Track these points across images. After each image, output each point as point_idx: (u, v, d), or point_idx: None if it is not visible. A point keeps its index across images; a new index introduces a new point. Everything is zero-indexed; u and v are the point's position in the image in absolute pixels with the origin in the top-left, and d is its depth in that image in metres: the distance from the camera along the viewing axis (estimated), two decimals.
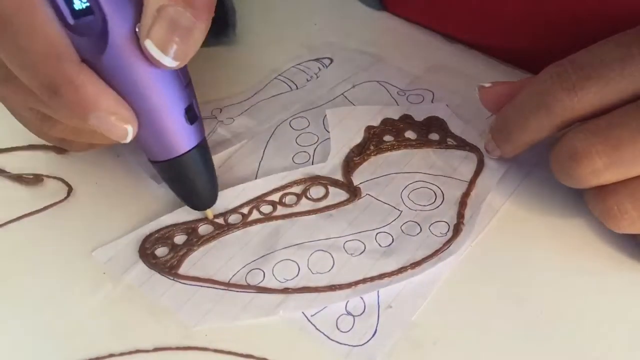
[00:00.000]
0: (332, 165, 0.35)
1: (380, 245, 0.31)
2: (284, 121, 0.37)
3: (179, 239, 0.32)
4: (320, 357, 0.27)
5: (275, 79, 0.40)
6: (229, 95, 0.40)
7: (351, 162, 0.35)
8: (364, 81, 0.40)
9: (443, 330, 0.28)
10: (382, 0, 0.45)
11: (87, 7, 0.25)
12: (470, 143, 0.35)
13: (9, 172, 0.35)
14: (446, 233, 0.31)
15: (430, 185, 0.34)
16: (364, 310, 0.29)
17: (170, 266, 0.30)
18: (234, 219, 0.32)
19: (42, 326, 0.29)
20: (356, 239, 0.31)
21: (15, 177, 0.35)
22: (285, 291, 0.29)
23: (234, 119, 0.38)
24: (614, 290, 0.29)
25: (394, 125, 0.36)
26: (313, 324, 0.28)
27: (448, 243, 0.31)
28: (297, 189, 0.34)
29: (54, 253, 0.32)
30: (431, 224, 0.32)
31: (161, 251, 0.31)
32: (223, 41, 0.42)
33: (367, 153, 0.35)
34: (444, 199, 0.33)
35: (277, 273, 0.30)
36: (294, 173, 0.34)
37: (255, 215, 0.33)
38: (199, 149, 0.30)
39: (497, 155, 0.34)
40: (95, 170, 0.35)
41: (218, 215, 0.32)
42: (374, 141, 0.36)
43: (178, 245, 0.31)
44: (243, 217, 0.32)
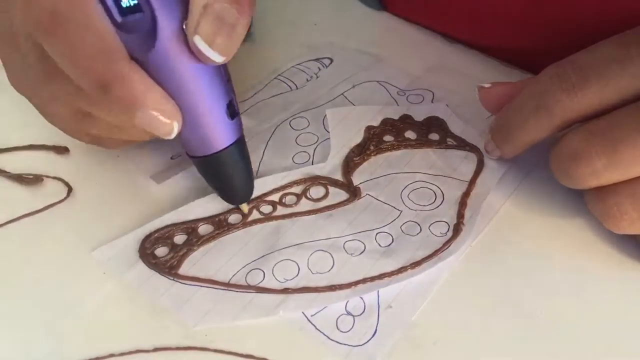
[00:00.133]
0: (332, 165, 0.35)
1: (380, 245, 0.31)
2: (284, 121, 0.37)
3: (179, 238, 0.32)
4: (320, 357, 0.27)
5: (275, 79, 0.40)
6: None
7: (351, 162, 0.35)
8: (364, 81, 0.40)
9: (443, 330, 0.28)
10: (382, 0, 0.45)
11: (135, 5, 0.25)
12: (470, 143, 0.35)
13: (9, 172, 0.35)
14: (446, 233, 0.31)
15: (430, 185, 0.34)
16: (364, 310, 0.29)
17: (170, 266, 0.30)
18: (234, 219, 0.32)
19: (42, 326, 0.29)
20: (356, 239, 0.31)
21: (15, 177, 0.35)
22: (285, 291, 0.29)
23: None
24: (614, 290, 0.29)
25: (394, 125, 0.36)
26: (313, 324, 0.28)
27: (448, 243, 0.31)
28: (297, 189, 0.34)
29: (54, 253, 0.32)
30: (431, 224, 0.32)
31: (161, 251, 0.31)
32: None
33: (367, 153, 0.35)
34: (444, 199, 0.33)
35: (277, 273, 0.30)
36: (294, 173, 0.34)
37: (255, 215, 0.33)
38: (238, 144, 0.30)
39: (497, 155, 0.34)
40: (95, 170, 0.35)
41: (218, 214, 0.32)
42: (374, 141, 0.36)
43: (178, 245, 0.31)
44: (243, 217, 0.32)
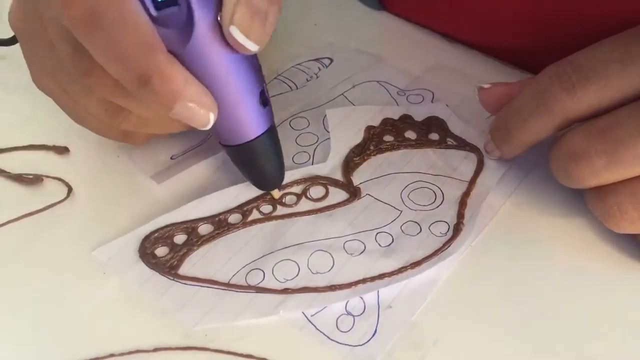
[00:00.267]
0: (332, 165, 0.35)
1: (380, 245, 0.31)
2: (284, 121, 0.37)
3: (179, 238, 0.32)
4: (320, 357, 0.27)
5: (275, 79, 0.40)
6: None
7: (351, 162, 0.35)
8: (364, 81, 0.40)
9: (443, 330, 0.28)
10: (382, 0, 0.45)
11: None
12: (470, 143, 0.35)
13: (9, 172, 0.35)
14: (446, 233, 0.31)
15: (430, 185, 0.34)
16: (364, 310, 0.29)
17: (170, 266, 0.30)
18: (234, 219, 0.32)
19: (42, 326, 0.29)
20: (356, 239, 0.31)
21: (15, 177, 0.35)
22: (285, 291, 0.29)
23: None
24: (614, 290, 0.29)
25: (394, 125, 0.36)
26: (313, 324, 0.28)
27: (448, 243, 0.31)
28: (297, 189, 0.34)
29: (54, 253, 0.32)
30: (431, 224, 0.32)
31: (161, 251, 0.31)
32: None
33: (367, 153, 0.35)
34: (444, 198, 0.33)
35: (277, 273, 0.30)
36: (294, 173, 0.34)
37: (255, 215, 0.33)
38: (270, 131, 0.31)
39: (497, 155, 0.34)
40: (95, 170, 0.35)
41: (218, 214, 0.32)
42: (374, 141, 0.36)
43: (178, 245, 0.31)
44: (243, 217, 0.32)
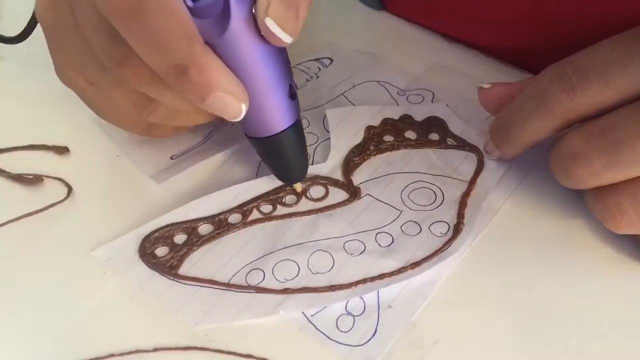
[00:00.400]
0: (332, 165, 0.35)
1: (380, 245, 0.31)
2: None
3: (179, 238, 0.32)
4: (320, 357, 0.27)
5: None
6: None
7: (351, 162, 0.35)
8: (364, 81, 0.40)
9: (443, 330, 0.28)
10: (382, 0, 0.45)
11: None
12: (470, 143, 0.35)
13: (9, 172, 0.35)
14: (446, 233, 0.31)
15: (430, 185, 0.34)
16: (364, 310, 0.29)
17: (170, 266, 0.30)
18: (234, 219, 0.32)
19: (42, 326, 0.29)
20: (356, 239, 0.31)
21: (15, 177, 0.35)
22: (285, 291, 0.29)
23: (233, 123, 0.38)
24: (614, 290, 0.29)
25: (394, 125, 0.36)
26: (313, 324, 0.28)
27: (448, 243, 0.31)
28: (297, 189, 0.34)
29: (54, 253, 0.32)
30: (431, 224, 0.32)
31: (161, 251, 0.31)
32: None
33: (367, 153, 0.35)
34: (444, 198, 0.33)
35: (277, 273, 0.30)
36: None
37: (255, 215, 0.33)
38: (297, 125, 0.31)
39: (497, 156, 0.34)
40: (95, 170, 0.35)
41: (218, 214, 0.32)
42: (374, 141, 0.36)
43: (178, 245, 0.31)
44: (243, 217, 0.32)
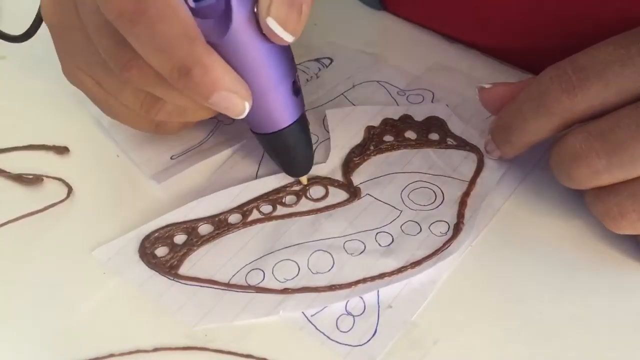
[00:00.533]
0: (332, 165, 0.35)
1: (380, 245, 0.31)
2: None
3: (179, 238, 0.32)
4: (320, 357, 0.27)
5: None
6: None
7: (351, 162, 0.35)
8: (364, 81, 0.40)
9: (443, 330, 0.28)
10: (382, 0, 0.45)
11: None
12: (470, 143, 0.35)
13: (9, 172, 0.35)
14: (446, 233, 0.31)
15: (430, 185, 0.34)
16: (364, 310, 0.29)
17: (170, 266, 0.30)
18: (234, 219, 0.32)
19: (42, 326, 0.29)
20: (356, 239, 0.31)
21: (15, 177, 0.35)
22: (285, 291, 0.29)
23: (234, 119, 0.38)
24: (614, 290, 0.29)
25: (394, 126, 0.36)
26: (313, 324, 0.28)
27: (448, 243, 0.31)
28: (297, 189, 0.34)
29: (54, 253, 0.32)
30: (431, 224, 0.32)
31: (161, 251, 0.31)
32: None
33: (367, 153, 0.35)
34: (444, 198, 0.33)
35: (277, 273, 0.30)
36: None
37: (255, 215, 0.33)
38: (302, 120, 0.31)
39: (497, 156, 0.34)
40: (95, 170, 0.35)
41: (218, 214, 0.32)
42: (374, 141, 0.36)
43: (178, 245, 0.31)
44: (243, 217, 0.32)
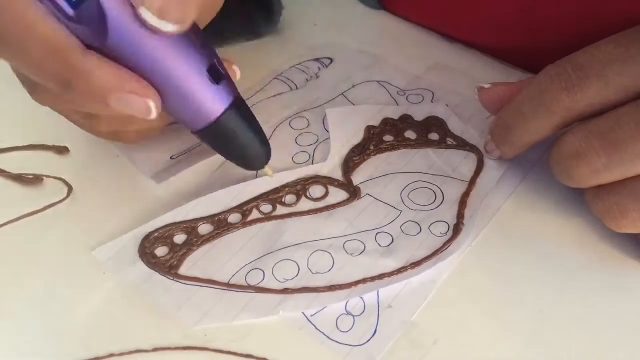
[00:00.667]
0: (332, 165, 0.35)
1: (380, 245, 0.31)
2: (284, 121, 0.37)
3: (179, 238, 0.32)
4: (320, 357, 0.27)
5: (275, 79, 0.40)
6: None
7: (351, 162, 0.35)
8: (364, 81, 0.40)
9: (443, 330, 0.28)
10: (382, 0, 0.45)
11: None
12: (470, 143, 0.35)
13: (9, 172, 0.35)
14: (446, 233, 0.31)
15: (430, 185, 0.34)
16: (364, 310, 0.29)
17: (170, 266, 0.30)
18: (234, 219, 0.32)
19: (42, 326, 0.29)
20: (356, 239, 0.31)
21: (15, 177, 0.35)
22: (285, 291, 0.29)
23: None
24: (614, 290, 0.29)
25: (394, 125, 0.36)
26: (313, 324, 0.28)
27: (448, 243, 0.31)
28: (297, 189, 0.34)
29: (54, 253, 0.32)
30: (431, 224, 0.32)
31: (161, 251, 0.31)
32: (266, 32, 0.43)
33: (367, 153, 0.35)
34: (444, 199, 0.33)
35: (277, 273, 0.30)
36: (294, 173, 0.34)
37: (255, 215, 0.33)
38: (235, 107, 0.29)
39: (497, 155, 0.34)
40: (95, 170, 0.35)
41: (218, 214, 0.32)
42: (374, 141, 0.36)
43: (178, 245, 0.31)
44: (243, 217, 0.32)
